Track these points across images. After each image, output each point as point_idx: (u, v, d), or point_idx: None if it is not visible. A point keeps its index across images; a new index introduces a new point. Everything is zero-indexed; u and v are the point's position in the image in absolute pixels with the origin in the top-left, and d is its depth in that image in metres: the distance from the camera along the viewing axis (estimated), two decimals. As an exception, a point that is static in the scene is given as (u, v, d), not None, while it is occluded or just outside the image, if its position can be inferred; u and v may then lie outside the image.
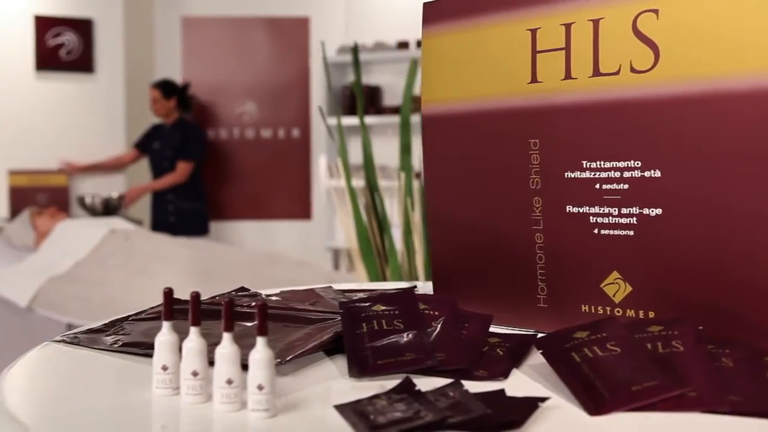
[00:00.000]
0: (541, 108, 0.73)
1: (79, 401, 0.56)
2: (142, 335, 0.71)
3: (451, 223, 0.81)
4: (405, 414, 0.49)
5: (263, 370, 0.50)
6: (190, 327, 0.54)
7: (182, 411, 0.52)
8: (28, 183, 4.51)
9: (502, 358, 0.65)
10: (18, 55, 4.55)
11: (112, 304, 2.70)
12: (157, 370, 0.55)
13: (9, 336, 2.99)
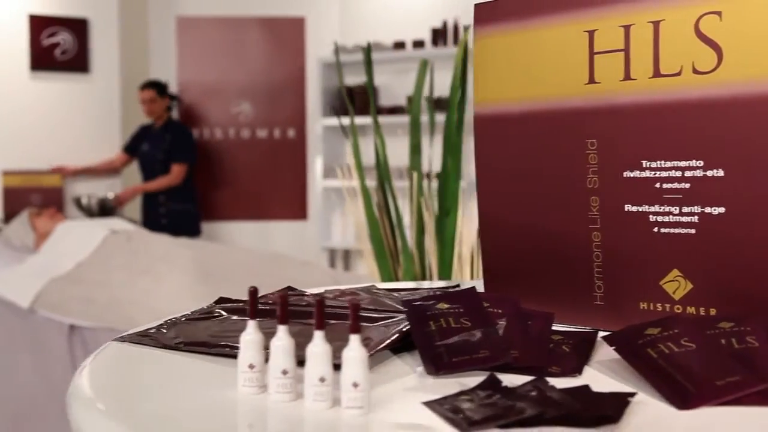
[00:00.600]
0: (599, 108, 0.74)
1: (168, 401, 0.56)
2: (205, 335, 0.71)
3: (503, 223, 0.82)
4: (500, 410, 0.50)
5: (358, 367, 0.51)
6: (279, 326, 0.54)
7: (273, 410, 0.53)
8: (21, 183, 4.49)
9: (570, 354, 0.66)
10: (12, 55, 4.53)
11: (116, 305, 2.70)
12: (243, 369, 0.55)
13: (10, 337, 2.98)
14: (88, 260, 3.00)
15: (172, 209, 4.67)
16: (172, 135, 4.72)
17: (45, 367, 2.84)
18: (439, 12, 4.86)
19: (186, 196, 4.74)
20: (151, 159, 4.66)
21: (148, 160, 4.67)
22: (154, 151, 4.66)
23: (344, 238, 4.98)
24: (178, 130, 4.81)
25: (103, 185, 4.73)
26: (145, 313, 2.59)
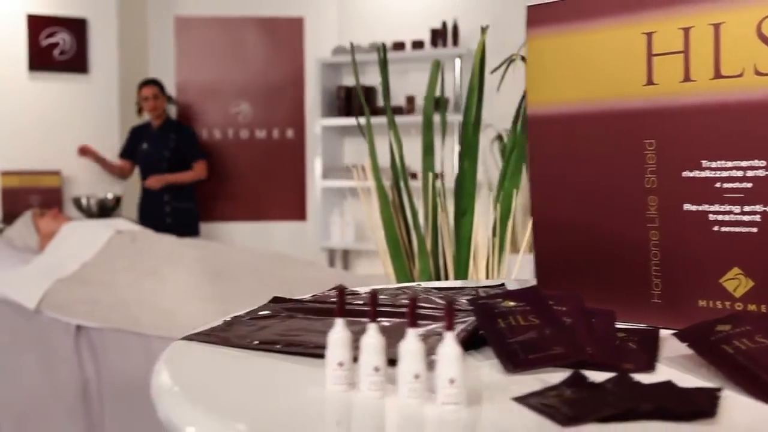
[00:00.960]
0: (658, 109, 0.75)
1: (260, 399, 0.57)
2: (276, 333, 0.72)
3: (557, 222, 0.83)
4: (594, 404, 0.51)
5: (455, 364, 0.52)
6: (369, 323, 0.55)
7: (367, 407, 0.54)
8: (20, 184, 4.48)
9: (638, 351, 0.67)
10: (11, 55, 4.51)
11: (122, 306, 2.70)
12: (332, 367, 0.56)
13: (16, 338, 2.97)
14: (93, 261, 2.99)
15: (176, 208, 4.70)
16: (178, 134, 4.75)
17: (51, 368, 2.84)
18: (438, 13, 4.88)
19: (189, 196, 4.80)
20: (153, 158, 4.67)
21: (151, 160, 4.67)
22: (156, 150, 4.66)
23: (343, 238, 4.98)
24: (185, 128, 4.86)
25: (101, 186, 4.72)
26: (152, 314, 2.59)
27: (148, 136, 4.73)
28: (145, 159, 4.71)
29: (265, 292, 2.61)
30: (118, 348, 2.67)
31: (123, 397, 2.65)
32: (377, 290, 0.92)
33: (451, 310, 0.52)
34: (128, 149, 4.77)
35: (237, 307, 2.52)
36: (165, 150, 4.71)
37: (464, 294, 0.89)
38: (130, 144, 4.76)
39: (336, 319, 0.57)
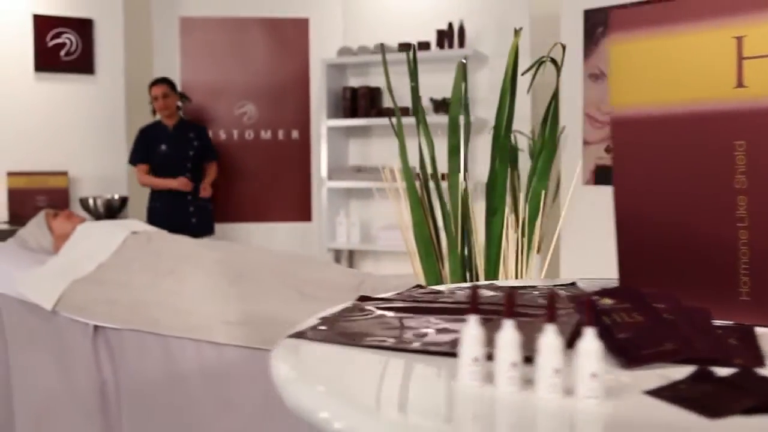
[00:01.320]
0: (749, 111, 0.77)
1: (393, 393, 0.58)
2: (379, 331, 0.73)
3: (641, 221, 0.84)
4: (733, 397, 0.53)
5: (596, 359, 0.53)
6: (505, 320, 0.57)
7: (509, 401, 0.55)
8: (27, 185, 4.46)
9: (740, 346, 0.68)
10: (17, 56, 4.50)
11: (141, 307, 2.68)
12: (467, 362, 0.57)
13: (32, 338, 2.97)
14: (109, 261, 2.98)
15: (200, 207, 4.67)
16: (197, 134, 4.72)
17: (68, 369, 2.83)
18: (443, 14, 4.89)
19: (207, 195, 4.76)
20: (174, 158, 4.59)
21: (172, 161, 4.59)
22: (178, 150, 4.61)
23: (349, 239, 5.00)
24: (202, 128, 4.83)
25: (108, 187, 4.71)
26: (172, 315, 2.59)
27: (165, 137, 4.63)
28: (165, 160, 4.59)
29: (287, 293, 2.62)
30: (136, 349, 2.67)
31: (141, 398, 2.65)
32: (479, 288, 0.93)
33: (592, 306, 0.54)
34: (141, 153, 4.63)
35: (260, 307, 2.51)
36: (189, 150, 4.64)
37: (544, 293, 0.91)
38: (142, 146, 4.63)
39: (470, 316, 0.58)
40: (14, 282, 2.93)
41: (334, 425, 0.54)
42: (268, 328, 2.36)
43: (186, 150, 4.65)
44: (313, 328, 0.77)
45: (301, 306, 2.48)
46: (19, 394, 2.99)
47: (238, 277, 2.75)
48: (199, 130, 4.80)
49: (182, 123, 4.71)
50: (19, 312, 2.97)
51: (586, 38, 4.15)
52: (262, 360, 2.35)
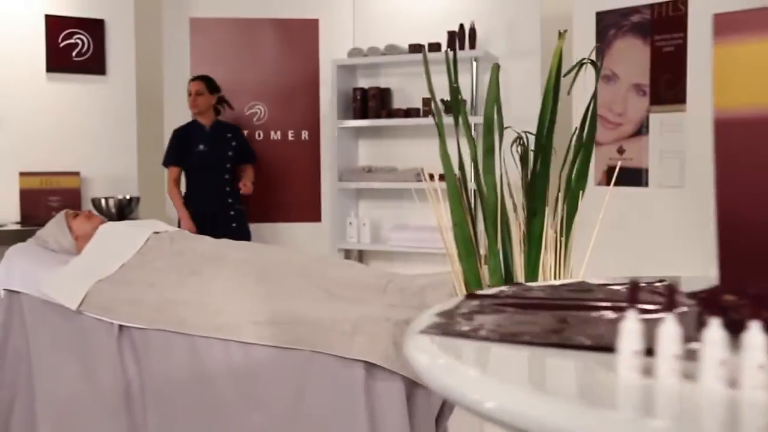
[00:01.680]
0: None
1: (547, 382, 0.60)
2: (514, 326, 0.75)
3: (744, 220, 0.87)
4: None
5: (762, 351, 0.55)
6: (666, 313, 0.58)
7: (676, 393, 0.57)
8: (39, 185, 4.46)
9: None
10: (29, 56, 4.50)
11: (167, 306, 2.68)
12: (627, 356, 0.59)
13: (54, 338, 2.97)
14: (132, 261, 2.99)
15: (238, 210, 4.65)
16: (235, 135, 4.69)
17: (92, 369, 2.83)
18: (452, 16, 4.91)
19: (242, 198, 4.72)
20: (213, 159, 4.55)
21: (211, 161, 4.55)
22: (217, 150, 4.56)
23: (359, 239, 5.01)
24: (237, 129, 4.79)
25: (119, 187, 4.71)
26: (199, 314, 2.59)
27: (203, 136, 4.59)
28: (203, 159, 4.54)
29: (315, 292, 2.63)
30: (162, 348, 2.67)
31: (166, 397, 2.65)
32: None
33: (761, 302, 0.56)
34: (174, 154, 4.57)
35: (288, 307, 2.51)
36: (228, 150, 4.61)
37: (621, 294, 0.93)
38: (176, 148, 4.58)
39: (629, 310, 0.60)
40: (37, 282, 2.94)
41: (486, 405, 0.56)
42: (297, 327, 2.36)
43: (225, 150, 4.61)
44: (433, 327, 0.79)
45: (329, 305, 2.48)
46: (42, 394, 2.99)
47: (264, 277, 2.75)
48: (236, 131, 4.76)
49: (219, 123, 4.68)
50: (41, 312, 2.97)
51: (598, 40, 4.18)
52: (292, 359, 2.35)
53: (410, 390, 2.21)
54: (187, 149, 4.57)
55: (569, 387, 0.58)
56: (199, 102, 4.54)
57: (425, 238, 4.73)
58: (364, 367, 2.19)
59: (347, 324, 2.26)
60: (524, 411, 0.54)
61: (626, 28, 4.07)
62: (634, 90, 4.05)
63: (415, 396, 2.23)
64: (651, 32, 3.96)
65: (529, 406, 0.54)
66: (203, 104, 4.56)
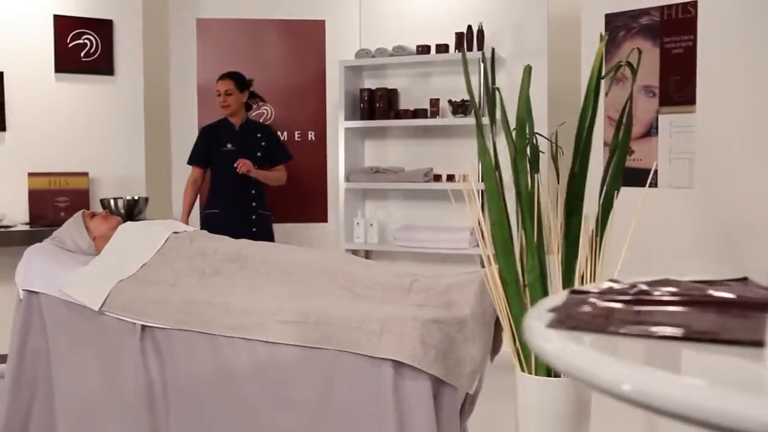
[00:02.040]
0: None
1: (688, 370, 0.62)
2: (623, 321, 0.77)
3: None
4: None
5: None
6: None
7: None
8: (47, 185, 4.45)
9: None
10: (38, 57, 4.49)
11: (192, 306, 2.67)
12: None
13: (74, 338, 2.97)
14: (152, 261, 2.99)
15: (261, 215, 4.47)
16: (263, 134, 4.52)
17: (113, 369, 2.83)
18: (460, 17, 4.94)
19: (266, 202, 4.57)
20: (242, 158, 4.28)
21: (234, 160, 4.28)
22: (245, 149, 4.36)
23: (366, 239, 5.03)
24: (268, 128, 4.65)
25: (128, 188, 4.71)
26: (223, 314, 2.58)
27: (232, 135, 4.43)
28: (231, 158, 4.29)
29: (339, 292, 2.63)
30: (186, 348, 2.66)
31: (190, 397, 2.65)
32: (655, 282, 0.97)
33: None
34: (199, 153, 4.44)
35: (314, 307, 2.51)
36: (257, 150, 4.42)
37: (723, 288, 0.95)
38: (202, 146, 4.44)
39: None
40: (58, 282, 2.94)
41: (623, 387, 0.57)
42: (324, 327, 2.36)
43: (254, 150, 4.43)
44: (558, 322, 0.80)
45: (355, 305, 2.48)
46: (61, 394, 2.99)
47: (287, 277, 2.75)
48: (266, 130, 4.62)
49: (249, 123, 4.53)
50: (61, 312, 2.97)
51: (608, 42, 4.21)
52: (318, 359, 2.36)
53: (437, 389, 2.23)
54: (214, 148, 4.42)
55: (709, 371, 0.61)
56: (230, 102, 4.39)
57: (432, 239, 4.76)
58: (392, 365, 2.20)
59: (375, 323, 2.27)
60: (663, 391, 0.55)
61: (635, 30, 4.11)
62: (644, 91, 4.09)
63: (441, 395, 2.25)
64: (660, 34, 4.00)
65: (669, 386, 0.55)
66: (234, 104, 4.41)
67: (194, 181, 4.50)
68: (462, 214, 4.97)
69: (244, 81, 4.46)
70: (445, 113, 4.90)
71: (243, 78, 4.46)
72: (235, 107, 4.42)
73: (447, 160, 4.99)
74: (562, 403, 1.98)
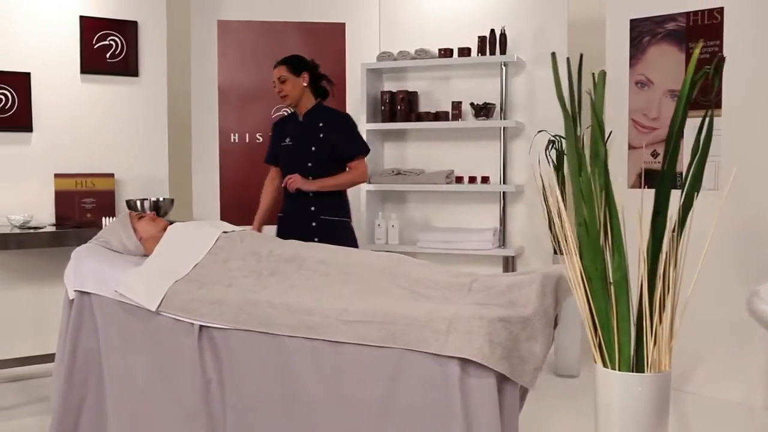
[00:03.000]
0: None
1: None
2: None
3: None
4: None
5: None
6: None
7: None
8: (74, 186, 4.44)
9: None
10: (64, 58, 4.49)
11: (251, 306, 2.65)
12: None
13: (129, 339, 2.97)
14: (204, 262, 2.99)
15: (326, 221, 3.87)
16: (328, 124, 3.83)
17: (168, 370, 2.82)
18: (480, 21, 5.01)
19: (341, 205, 3.96)
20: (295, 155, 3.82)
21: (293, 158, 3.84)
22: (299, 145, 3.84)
23: (387, 240, 5.08)
24: (336, 116, 3.88)
25: (153, 189, 4.72)
26: (286, 314, 2.58)
27: (293, 129, 3.88)
28: (287, 157, 3.85)
29: (399, 292, 2.66)
30: (246, 348, 2.65)
31: (247, 397, 2.65)
32: None
33: None
34: (271, 149, 3.96)
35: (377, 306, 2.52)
36: (311, 144, 3.80)
37: None
38: (273, 142, 3.94)
39: None
40: (112, 283, 2.94)
41: None
42: (389, 326, 2.37)
43: (306, 145, 3.83)
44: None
45: (418, 305, 2.50)
46: (114, 394, 2.99)
47: (346, 278, 2.76)
48: (332, 119, 3.85)
49: (314, 110, 3.87)
50: (114, 313, 2.98)
51: (632, 47, 4.30)
52: (382, 357, 2.38)
53: (500, 385, 2.27)
54: (278, 144, 3.94)
55: None
56: (286, 89, 3.82)
57: (457, 240, 4.82)
58: (458, 363, 2.23)
59: (442, 322, 2.29)
60: None
61: (661, 35, 4.20)
62: (669, 95, 4.18)
63: (503, 392, 2.29)
64: (686, 39, 4.09)
65: None
66: (292, 91, 3.82)
67: (271, 180, 4.06)
68: (484, 216, 5.05)
69: (300, 63, 3.87)
70: (466, 116, 4.97)
71: (298, 60, 3.89)
72: (294, 94, 3.84)
73: (467, 163, 5.05)
74: (645, 398, 2.04)
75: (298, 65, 3.86)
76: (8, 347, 4.28)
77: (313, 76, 3.89)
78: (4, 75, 4.29)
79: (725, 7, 3.95)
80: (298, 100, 3.86)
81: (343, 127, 3.89)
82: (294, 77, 3.83)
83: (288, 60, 3.88)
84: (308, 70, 3.86)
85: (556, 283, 2.37)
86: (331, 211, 3.89)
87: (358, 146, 3.88)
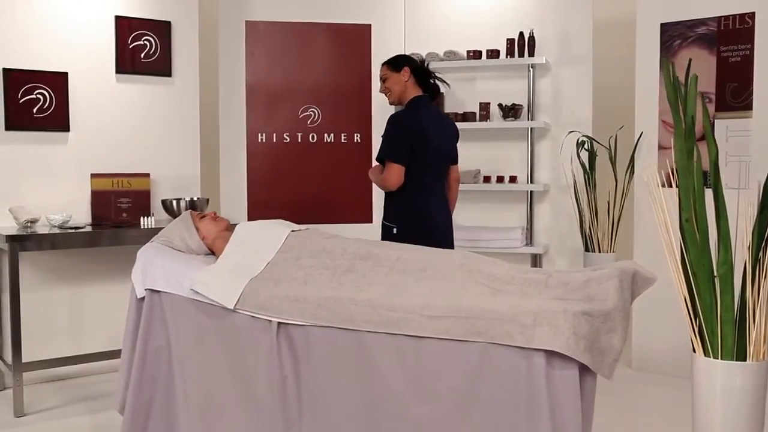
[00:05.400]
0: None
1: None
2: None
3: None
4: None
5: None
6: None
7: None
8: (110, 186, 4.44)
9: None
10: (100, 58, 4.48)
11: (332, 303, 2.67)
12: None
13: (202, 336, 2.99)
14: (276, 260, 3.01)
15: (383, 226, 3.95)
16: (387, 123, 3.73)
17: (244, 367, 2.84)
18: (507, 23, 5.10)
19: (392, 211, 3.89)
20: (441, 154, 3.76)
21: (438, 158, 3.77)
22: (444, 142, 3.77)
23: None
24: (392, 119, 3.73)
25: (186, 188, 4.73)
26: (367, 310, 2.62)
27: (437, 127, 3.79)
28: None
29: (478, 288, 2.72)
30: (325, 344, 2.67)
31: (324, 393, 2.67)
32: None
33: None
34: None
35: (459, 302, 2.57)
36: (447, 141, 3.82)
37: None
38: None
39: None
40: (187, 282, 2.96)
41: None
42: (474, 321, 2.41)
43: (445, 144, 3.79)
44: None
45: (499, 300, 2.55)
46: (184, 391, 3.00)
47: (424, 274, 2.80)
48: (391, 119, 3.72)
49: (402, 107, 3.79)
50: (187, 311, 2.99)
51: (663, 50, 4.43)
52: (465, 351, 2.43)
53: (580, 377, 2.34)
54: None
55: None
56: (387, 86, 3.75)
57: (487, 238, 4.90)
58: (544, 356, 2.30)
59: (527, 316, 2.35)
60: None
61: (692, 39, 4.33)
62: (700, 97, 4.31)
63: (583, 383, 2.36)
64: (717, 43, 4.23)
65: None
66: (394, 85, 3.74)
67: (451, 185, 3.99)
68: (510, 214, 5.14)
69: (400, 58, 3.79)
70: (493, 117, 5.05)
71: (398, 56, 3.82)
72: (395, 90, 3.75)
73: (493, 162, 5.14)
74: (747, 385, 2.13)
75: (398, 61, 3.77)
76: (45, 347, 4.27)
77: (417, 72, 3.74)
78: (42, 75, 4.27)
79: (756, 12, 4.09)
80: (401, 96, 3.75)
81: (387, 127, 3.80)
82: (395, 74, 3.73)
83: (389, 59, 3.80)
84: (410, 64, 3.73)
85: (632, 278, 2.45)
86: (389, 216, 3.93)
87: (381, 150, 3.76)
